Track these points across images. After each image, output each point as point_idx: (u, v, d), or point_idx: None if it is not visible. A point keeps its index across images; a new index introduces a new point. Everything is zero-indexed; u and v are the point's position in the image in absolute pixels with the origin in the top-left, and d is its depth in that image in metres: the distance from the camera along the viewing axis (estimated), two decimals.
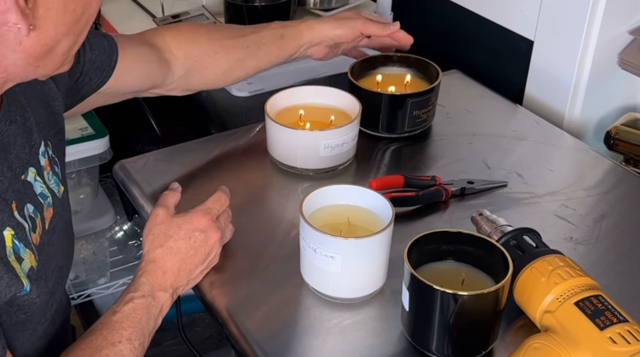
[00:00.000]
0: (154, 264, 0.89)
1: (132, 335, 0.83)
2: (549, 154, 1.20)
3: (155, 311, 0.88)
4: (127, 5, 1.62)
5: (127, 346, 0.82)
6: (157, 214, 0.93)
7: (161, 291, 0.89)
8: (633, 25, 1.26)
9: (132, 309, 0.85)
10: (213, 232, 0.93)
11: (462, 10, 1.47)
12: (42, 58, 0.69)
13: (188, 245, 0.91)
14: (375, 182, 1.07)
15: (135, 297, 0.86)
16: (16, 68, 0.69)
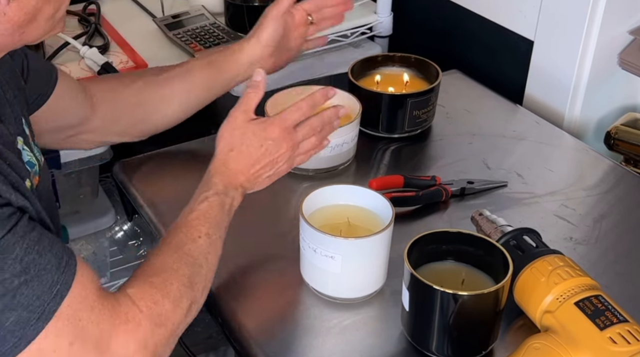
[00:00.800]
0: (225, 166, 0.94)
1: (210, 230, 0.88)
2: (549, 154, 1.20)
3: (228, 206, 0.92)
4: (127, 5, 1.62)
5: (206, 240, 0.87)
6: (235, 118, 0.96)
7: (232, 189, 0.93)
8: (633, 25, 1.26)
9: (208, 207, 0.89)
10: (285, 144, 0.96)
11: (462, 10, 1.47)
12: (25, 25, 0.72)
13: (259, 152, 0.95)
14: (375, 182, 1.07)
15: (209, 196, 0.90)
16: (3, 38, 0.72)
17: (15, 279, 0.65)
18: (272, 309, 0.92)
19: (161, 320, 0.78)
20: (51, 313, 0.68)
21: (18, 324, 0.66)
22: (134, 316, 0.76)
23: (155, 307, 0.78)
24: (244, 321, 0.90)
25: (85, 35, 1.46)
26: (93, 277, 0.74)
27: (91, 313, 0.72)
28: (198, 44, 1.42)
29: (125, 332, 0.74)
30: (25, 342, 0.67)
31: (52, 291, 0.68)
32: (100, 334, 0.72)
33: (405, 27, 1.62)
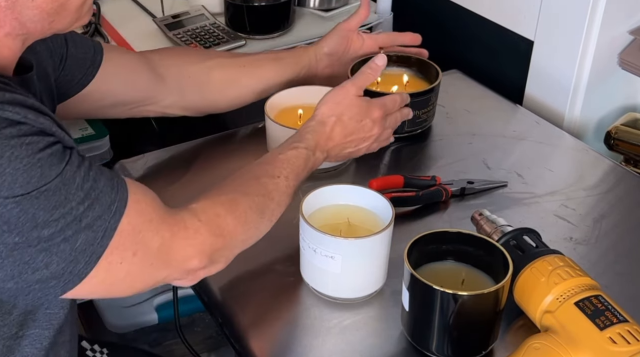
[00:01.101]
0: (323, 127, 1.00)
1: (290, 175, 0.93)
2: (549, 154, 1.20)
3: (310, 164, 0.97)
4: (127, 5, 1.62)
5: (284, 182, 0.92)
6: (348, 89, 1.02)
7: (320, 151, 0.99)
8: (633, 25, 1.26)
9: (295, 155, 0.95)
10: (377, 127, 1.04)
11: (462, 10, 1.47)
12: (54, 14, 0.74)
13: (356, 127, 1.02)
14: (375, 182, 1.07)
15: (300, 147, 0.97)
16: (33, 24, 0.74)
17: (80, 206, 0.70)
18: (272, 309, 0.92)
19: (221, 231, 0.83)
20: (113, 230, 0.73)
21: (86, 244, 0.71)
22: (192, 224, 0.81)
23: (216, 219, 0.83)
24: (244, 321, 0.90)
25: (85, 35, 1.46)
26: (146, 192, 0.79)
27: (150, 224, 0.77)
28: (198, 44, 1.42)
29: (183, 239, 0.80)
30: (95, 259, 0.72)
31: (111, 209, 0.73)
32: (161, 241, 0.78)
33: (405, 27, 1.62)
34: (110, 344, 1.12)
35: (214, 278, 0.96)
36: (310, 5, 1.58)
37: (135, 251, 0.75)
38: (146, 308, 1.71)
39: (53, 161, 0.69)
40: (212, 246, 0.82)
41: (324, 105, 1.01)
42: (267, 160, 0.94)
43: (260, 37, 1.47)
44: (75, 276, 0.71)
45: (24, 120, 0.68)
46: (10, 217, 0.66)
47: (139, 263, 0.76)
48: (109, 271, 0.74)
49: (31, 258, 0.69)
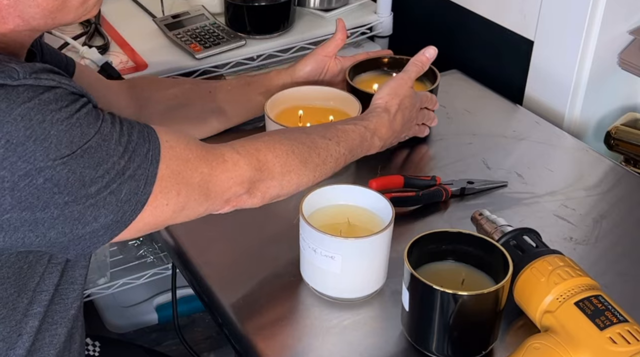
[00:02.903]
0: (387, 115, 1.04)
1: (343, 143, 0.95)
2: (549, 154, 1.20)
3: (366, 145, 1.00)
4: (127, 5, 1.62)
5: (335, 146, 0.94)
6: (406, 81, 1.07)
7: (378, 138, 1.02)
8: (633, 25, 1.26)
9: (353, 130, 0.98)
10: (417, 117, 1.13)
11: (462, 10, 1.47)
12: (56, 11, 0.75)
13: (410, 115, 1.09)
14: (375, 182, 1.07)
15: (359, 124, 0.99)
16: (36, 21, 0.75)
17: (121, 160, 0.73)
18: (272, 309, 0.92)
19: (259, 165, 0.86)
20: (153, 176, 0.76)
21: (130, 193, 0.74)
22: (230, 157, 0.84)
23: (255, 153, 0.86)
24: (243, 321, 0.90)
25: (85, 36, 1.46)
26: (179, 136, 0.81)
27: (187, 163, 0.79)
28: (198, 44, 1.42)
29: (222, 171, 0.83)
30: (141, 206, 0.75)
31: (148, 157, 0.75)
32: (201, 177, 0.81)
33: (405, 27, 1.62)
34: (102, 338, 1.13)
35: (214, 278, 0.96)
36: (310, 5, 1.58)
37: (178, 190, 0.78)
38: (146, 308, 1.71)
39: (90, 120, 0.71)
40: (251, 177, 0.85)
41: (386, 95, 1.05)
42: (325, 126, 0.96)
43: (260, 37, 1.47)
44: (121, 223, 0.75)
45: (58, 85, 0.70)
46: (60, 178, 0.69)
47: (183, 201, 0.79)
48: (154, 214, 0.77)
49: (81, 214, 0.72)
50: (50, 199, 0.69)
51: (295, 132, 0.93)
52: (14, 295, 0.80)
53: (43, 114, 0.68)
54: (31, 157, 0.67)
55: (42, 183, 0.68)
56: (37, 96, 0.68)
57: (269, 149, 0.87)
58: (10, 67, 0.68)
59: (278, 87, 1.19)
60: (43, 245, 0.73)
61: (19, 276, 0.79)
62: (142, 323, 1.73)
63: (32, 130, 0.67)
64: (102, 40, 1.46)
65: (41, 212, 0.70)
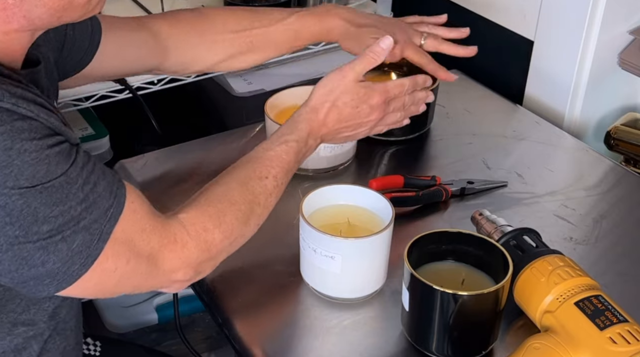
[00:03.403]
0: (316, 114, 0.96)
1: (278, 174, 0.91)
2: (549, 154, 1.20)
3: (302, 155, 0.95)
4: (127, 6, 1.61)
5: (272, 182, 0.90)
6: (345, 75, 0.97)
7: (313, 139, 0.96)
8: (633, 25, 1.26)
9: (285, 151, 0.92)
10: (377, 112, 0.99)
11: (462, 10, 1.47)
12: (62, 10, 0.75)
13: (352, 112, 0.97)
14: (375, 182, 1.07)
15: (290, 141, 0.93)
16: (41, 20, 0.75)
17: (78, 206, 0.71)
18: (272, 309, 0.92)
19: (207, 246, 0.83)
20: (108, 234, 0.74)
21: (83, 245, 0.72)
22: (181, 238, 0.81)
23: (204, 234, 0.83)
24: (243, 321, 0.90)
25: None
26: (142, 202, 0.79)
27: (142, 234, 0.77)
28: None
29: (172, 251, 0.80)
30: (91, 262, 0.73)
31: (107, 214, 0.74)
32: (151, 251, 0.79)
33: None
34: (102, 338, 1.13)
35: (214, 278, 0.96)
36: (310, 5, 1.58)
37: (128, 258, 0.76)
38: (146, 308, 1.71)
39: (59, 159, 0.70)
40: (198, 259, 0.83)
41: (320, 89, 0.97)
42: (255, 157, 0.92)
43: None
44: (69, 276, 0.73)
45: (35, 117, 0.69)
46: (14, 208, 0.68)
47: (131, 271, 0.77)
48: (102, 276, 0.75)
49: (29, 254, 0.70)
50: (1, 230, 0.68)
51: (234, 188, 0.88)
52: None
53: (12, 141, 0.67)
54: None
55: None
56: (11, 122, 0.67)
57: (216, 225, 0.84)
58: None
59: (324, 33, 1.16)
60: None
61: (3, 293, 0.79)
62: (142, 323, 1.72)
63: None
64: None
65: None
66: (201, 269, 0.84)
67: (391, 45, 0.99)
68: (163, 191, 1.12)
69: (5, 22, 0.73)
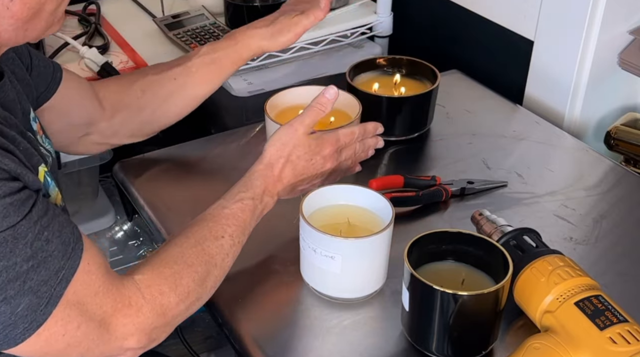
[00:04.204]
0: (272, 170, 0.95)
1: (234, 232, 0.89)
2: (549, 154, 1.20)
3: (258, 212, 0.94)
4: (127, 5, 1.62)
5: (228, 241, 0.89)
6: (296, 129, 0.97)
7: (269, 196, 0.95)
8: (633, 25, 1.26)
9: (240, 208, 0.91)
10: (330, 162, 0.99)
11: (462, 10, 1.47)
12: (29, 21, 0.74)
13: (306, 165, 0.97)
14: (375, 182, 1.07)
15: (245, 198, 0.92)
16: (7, 33, 0.74)
17: (24, 263, 0.68)
18: (272, 309, 0.92)
19: (163, 310, 0.81)
20: (58, 298, 0.70)
21: (29, 309, 0.68)
22: (136, 301, 0.79)
23: (160, 298, 0.81)
24: (243, 321, 0.90)
25: (85, 36, 1.46)
26: (99, 262, 0.76)
27: (95, 297, 0.74)
28: (198, 44, 1.42)
29: (125, 316, 0.78)
30: (36, 326, 0.70)
31: (58, 276, 0.70)
32: (103, 315, 0.76)
33: (405, 27, 1.62)
34: None
35: None
36: None
37: (79, 323, 0.73)
38: None
39: (11, 211, 0.67)
40: (153, 324, 0.81)
41: (272, 146, 0.96)
42: (212, 216, 0.90)
43: None
44: (11, 340, 0.69)
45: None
46: None
47: (81, 336, 0.74)
48: (48, 341, 0.72)
49: None
50: None
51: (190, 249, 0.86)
52: None
53: None
54: None
55: None
56: None
57: (172, 288, 0.82)
58: None
59: (253, 52, 1.15)
60: None
61: None
62: None
63: None
64: (102, 40, 1.46)
65: None
66: (155, 336, 0.82)
67: (336, 95, 0.99)
68: (163, 191, 1.12)
69: None
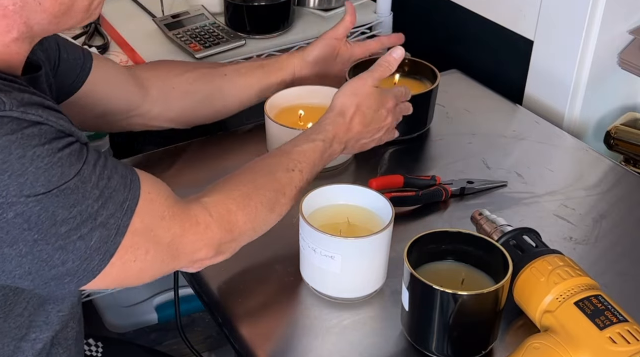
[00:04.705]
0: (343, 118, 1.01)
1: (305, 168, 0.94)
2: (549, 154, 1.20)
3: (327, 156, 0.99)
4: (127, 6, 1.62)
5: (298, 175, 0.93)
6: (365, 80, 1.03)
7: (338, 143, 1.00)
8: (633, 25, 1.26)
9: (312, 148, 0.96)
10: (390, 116, 1.06)
11: (462, 10, 1.47)
12: (61, 16, 0.75)
13: (374, 116, 1.03)
14: (375, 182, 1.07)
15: (317, 140, 0.97)
16: (40, 27, 0.75)
17: (95, 204, 0.72)
18: (272, 309, 0.92)
19: (230, 227, 0.85)
20: (125, 228, 0.74)
21: (100, 242, 0.72)
22: (204, 220, 0.83)
23: (227, 216, 0.85)
24: (244, 321, 0.90)
25: (85, 36, 1.46)
26: (160, 190, 0.80)
27: (162, 222, 0.78)
28: (198, 44, 1.42)
29: (195, 234, 0.82)
30: (109, 257, 0.74)
31: (124, 208, 0.74)
32: (172, 238, 0.79)
33: (405, 27, 1.62)
34: (105, 339, 1.13)
35: (214, 278, 0.96)
36: (310, 5, 1.58)
37: (148, 249, 0.77)
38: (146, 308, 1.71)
39: (72, 161, 0.70)
40: (221, 240, 0.84)
41: (343, 96, 1.02)
42: (283, 152, 0.95)
43: (260, 37, 1.47)
44: (89, 272, 0.73)
45: (45, 122, 0.69)
46: (32, 215, 0.68)
47: (151, 260, 0.78)
48: (122, 269, 0.75)
49: (49, 256, 0.70)
50: (20, 235, 0.68)
51: (262, 176, 0.91)
52: (1, 320, 0.79)
53: (24, 149, 0.67)
54: (4, 191, 0.66)
55: (12, 218, 0.67)
56: (21, 130, 0.67)
57: (239, 208, 0.86)
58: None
59: (290, 70, 1.20)
60: (9, 281, 0.72)
61: (5, 302, 0.79)
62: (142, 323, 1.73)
63: (9, 164, 0.66)
64: (102, 40, 1.46)
65: (9, 248, 0.69)
66: (223, 250, 0.86)
67: (402, 56, 1.06)
68: None
69: (6, 32, 0.73)
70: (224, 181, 0.89)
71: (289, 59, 1.21)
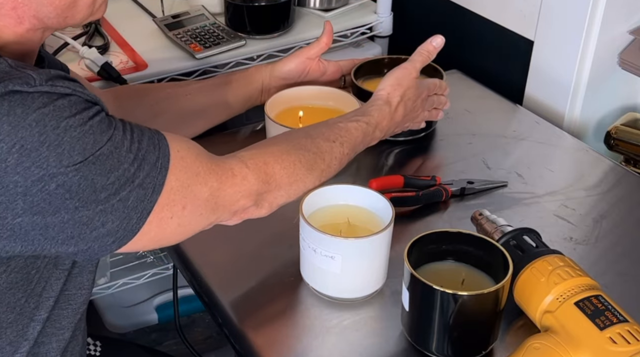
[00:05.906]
0: (389, 106, 1.03)
1: (346, 142, 0.96)
2: (549, 154, 1.20)
3: (368, 139, 1.01)
4: (127, 6, 1.62)
5: (339, 148, 0.95)
6: (410, 71, 1.07)
7: (379, 131, 1.02)
8: (633, 25, 1.26)
9: (355, 127, 0.98)
10: (422, 107, 1.11)
11: (462, 10, 1.47)
12: (68, 10, 0.78)
13: (412, 106, 1.07)
14: (375, 182, 1.07)
15: (361, 121, 0.99)
16: (50, 20, 0.77)
17: (131, 167, 0.73)
18: (272, 309, 0.92)
19: (267, 178, 0.86)
20: (161, 185, 0.76)
21: (137, 200, 0.74)
22: (240, 171, 0.84)
23: (264, 167, 0.86)
24: (243, 321, 0.90)
25: (85, 36, 1.46)
26: (189, 147, 0.81)
27: (197, 177, 0.79)
28: (198, 44, 1.42)
29: (232, 185, 0.83)
30: (146, 214, 0.75)
31: (157, 166, 0.76)
32: (210, 192, 0.81)
33: (405, 27, 1.62)
34: (103, 338, 1.13)
35: (214, 278, 0.96)
36: (310, 5, 1.58)
37: (184, 204, 0.78)
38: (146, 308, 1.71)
39: (102, 128, 0.72)
40: (259, 190, 0.86)
41: (390, 85, 1.04)
42: (325, 124, 0.96)
43: (260, 37, 1.47)
44: (129, 231, 0.75)
45: (73, 93, 0.71)
46: (72, 184, 0.70)
47: (189, 215, 0.79)
48: (160, 226, 0.77)
49: (89, 219, 0.72)
50: (62, 204, 0.70)
51: (301, 138, 0.93)
52: (22, 300, 0.80)
53: (57, 121, 0.69)
54: (44, 163, 0.68)
55: (54, 189, 0.69)
56: (52, 103, 0.69)
57: (277, 161, 0.88)
58: (27, 74, 0.69)
59: (257, 84, 1.19)
60: (52, 249, 0.73)
61: (27, 281, 0.79)
62: (142, 323, 1.73)
63: (46, 136, 0.68)
64: (102, 40, 1.46)
65: (52, 217, 0.70)
66: (260, 201, 0.87)
67: (442, 44, 1.10)
68: None
69: (18, 23, 0.76)
70: (262, 141, 0.90)
71: (257, 72, 1.19)
